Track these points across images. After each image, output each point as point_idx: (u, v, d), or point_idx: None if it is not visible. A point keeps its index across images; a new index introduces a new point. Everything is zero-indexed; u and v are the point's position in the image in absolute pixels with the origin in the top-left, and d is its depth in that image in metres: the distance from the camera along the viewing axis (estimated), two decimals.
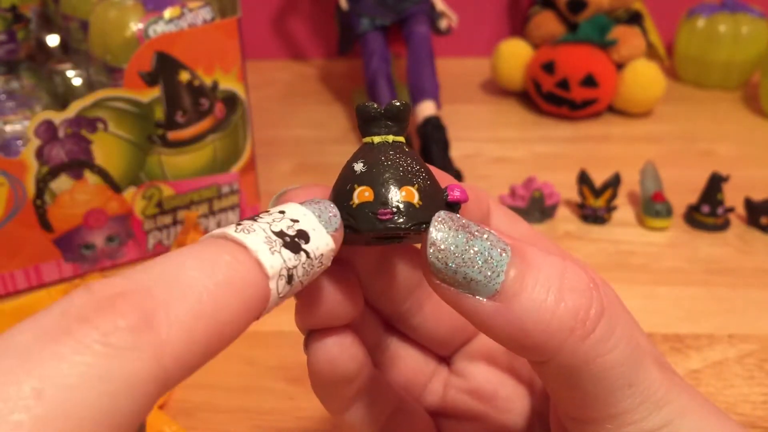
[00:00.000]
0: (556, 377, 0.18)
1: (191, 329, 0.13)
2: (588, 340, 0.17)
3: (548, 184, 0.53)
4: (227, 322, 0.14)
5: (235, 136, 0.49)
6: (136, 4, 0.46)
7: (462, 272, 0.17)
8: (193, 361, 0.14)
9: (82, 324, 0.12)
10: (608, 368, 0.17)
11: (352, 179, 0.18)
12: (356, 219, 0.18)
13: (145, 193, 0.47)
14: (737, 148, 0.66)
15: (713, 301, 0.45)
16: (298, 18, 0.89)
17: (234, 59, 0.47)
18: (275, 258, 0.15)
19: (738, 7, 0.76)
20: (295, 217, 0.17)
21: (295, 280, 0.16)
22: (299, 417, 0.36)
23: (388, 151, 0.19)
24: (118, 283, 0.13)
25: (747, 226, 0.53)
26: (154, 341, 0.13)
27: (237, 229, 0.16)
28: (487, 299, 0.17)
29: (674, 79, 0.80)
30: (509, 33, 0.88)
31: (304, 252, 0.16)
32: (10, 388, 0.11)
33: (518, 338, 0.17)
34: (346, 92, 0.79)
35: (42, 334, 0.12)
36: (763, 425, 0.35)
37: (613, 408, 0.18)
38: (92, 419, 0.12)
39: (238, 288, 0.15)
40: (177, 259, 0.14)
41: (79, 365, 0.12)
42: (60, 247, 0.46)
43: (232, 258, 0.15)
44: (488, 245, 0.17)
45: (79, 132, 0.43)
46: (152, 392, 0.13)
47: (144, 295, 0.13)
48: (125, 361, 0.12)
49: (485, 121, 0.73)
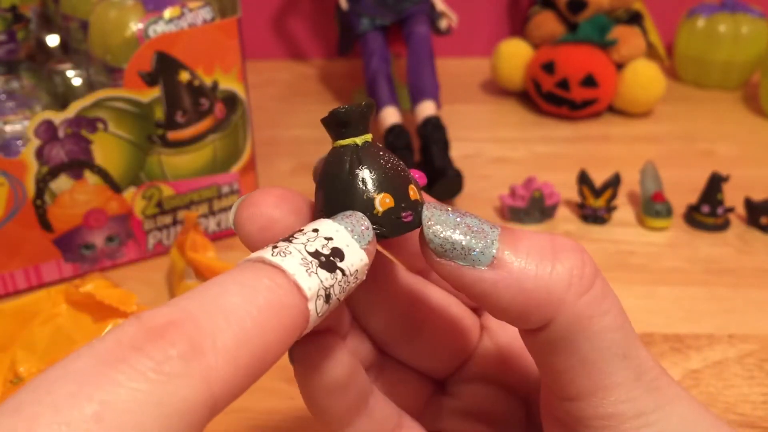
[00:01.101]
0: (553, 345, 0.18)
1: (237, 355, 0.14)
2: (585, 296, 0.17)
3: (548, 184, 0.53)
4: (270, 345, 0.15)
5: (235, 136, 0.49)
6: (136, 4, 0.46)
7: (459, 243, 0.18)
8: (239, 385, 0.14)
9: (135, 353, 0.13)
10: (604, 330, 0.18)
11: (366, 187, 0.18)
12: (386, 226, 0.18)
13: (145, 193, 0.47)
14: (737, 148, 0.66)
15: (713, 301, 0.45)
16: (298, 18, 0.89)
17: (234, 59, 0.47)
18: (312, 279, 0.16)
19: (738, 7, 0.76)
20: (328, 235, 0.17)
21: (332, 298, 0.16)
22: (299, 417, 0.36)
23: (378, 153, 0.19)
24: (167, 312, 0.14)
25: (747, 226, 0.53)
26: (203, 368, 0.13)
27: (273, 252, 0.16)
28: (486, 268, 0.18)
29: (674, 79, 0.80)
30: (509, 33, 0.88)
31: (340, 270, 0.16)
32: (72, 411, 0.12)
33: (520, 301, 0.17)
34: (346, 92, 0.79)
35: (99, 361, 0.13)
36: (763, 425, 0.35)
37: (607, 378, 0.18)
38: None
39: (279, 312, 0.15)
40: (220, 286, 0.15)
41: (135, 391, 0.12)
42: (60, 247, 0.46)
43: (272, 282, 0.15)
44: (478, 221, 0.18)
45: (79, 132, 0.43)
46: (203, 416, 0.13)
47: (192, 324, 0.14)
48: (177, 388, 0.13)
49: (485, 121, 0.73)
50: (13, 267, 0.45)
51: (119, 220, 0.47)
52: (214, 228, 0.51)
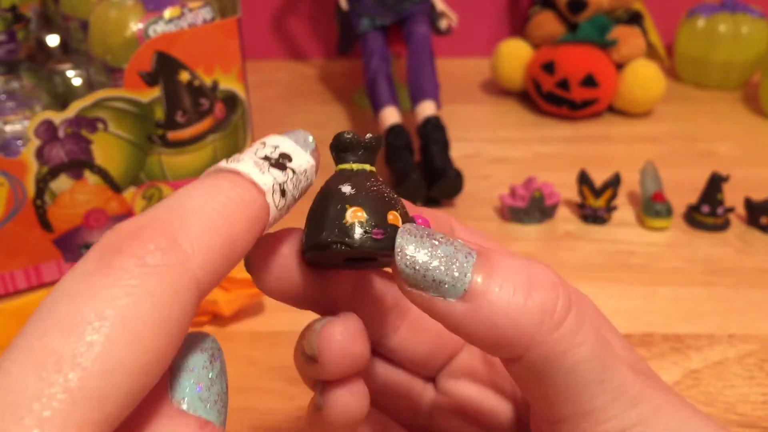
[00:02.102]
0: (529, 375, 0.18)
1: (209, 243, 0.16)
2: (557, 332, 0.17)
3: (548, 184, 0.53)
4: (238, 234, 0.16)
5: (235, 136, 0.49)
6: (136, 4, 0.46)
7: (430, 275, 0.18)
8: (217, 269, 0.16)
9: (118, 255, 0.14)
10: (579, 362, 0.18)
11: (342, 200, 0.19)
12: (351, 236, 0.19)
13: (145, 193, 0.47)
14: (737, 148, 0.66)
15: (713, 301, 0.45)
16: (298, 18, 0.89)
17: (234, 59, 0.47)
18: (266, 176, 0.18)
19: (738, 7, 0.76)
20: (275, 144, 0.19)
21: (288, 194, 0.18)
22: (299, 417, 0.36)
23: (369, 179, 0.20)
24: (137, 219, 0.15)
25: (747, 226, 0.53)
26: (181, 256, 0.15)
27: (228, 161, 0.18)
28: (457, 301, 0.18)
29: (674, 79, 0.80)
30: (509, 33, 0.88)
31: (290, 169, 0.18)
32: (77, 317, 0.13)
33: (490, 336, 0.18)
34: (346, 92, 0.79)
35: (87, 274, 0.14)
36: (763, 425, 0.35)
37: (587, 404, 0.18)
38: (150, 328, 0.14)
39: (241, 205, 0.17)
40: (183, 193, 0.16)
41: (126, 287, 0.14)
42: (60, 247, 0.46)
43: (230, 182, 0.17)
44: (453, 249, 0.18)
45: (79, 132, 0.43)
46: (191, 299, 0.15)
47: (163, 223, 0.15)
48: (163, 276, 0.14)
49: (485, 121, 0.73)
50: (13, 267, 0.45)
51: (119, 220, 0.47)
52: None
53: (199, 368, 0.17)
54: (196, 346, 0.17)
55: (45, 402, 0.13)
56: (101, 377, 0.13)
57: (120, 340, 0.13)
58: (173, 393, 0.16)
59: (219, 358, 0.17)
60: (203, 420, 0.16)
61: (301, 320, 0.22)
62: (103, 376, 0.13)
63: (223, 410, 0.17)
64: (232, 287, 0.42)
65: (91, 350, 0.13)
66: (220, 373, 0.17)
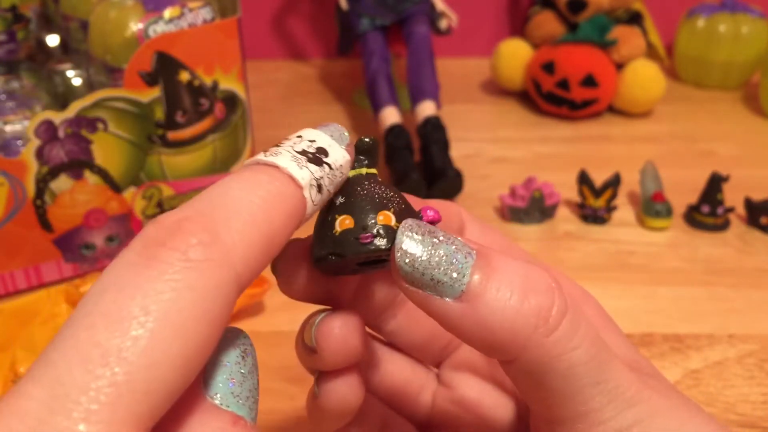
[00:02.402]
0: (525, 377, 0.18)
1: (250, 236, 0.16)
2: (551, 336, 0.17)
3: (548, 184, 0.53)
4: (277, 228, 0.17)
5: (235, 136, 0.49)
6: (136, 4, 0.46)
7: (429, 274, 0.18)
8: (256, 263, 0.16)
9: (161, 248, 0.15)
10: (573, 365, 0.18)
11: (333, 210, 0.20)
12: (340, 245, 0.19)
13: (145, 193, 0.47)
14: (737, 148, 0.66)
15: (713, 301, 0.45)
16: (298, 18, 0.89)
17: (234, 59, 0.47)
18: (304, 171, 0.18)
19: (738, 7, 0.76)
20: (312, 138, 0.19)
21: (323, 189, 0.18)
22: (299, 417, 0.36)
23: (362, 182, 0.20)
24: (179, 211, 0.16)
25: (747, 226, 0.53)
26: (223, 250, 0.15)
27: (266, 155, 0.18)
28: (453, 300, 0.18)
29: (674, 79, 0.80)
30: (509, 33, 0.88)
31: (327, 164, 0.18)
32: (122, 311, 0.14)
33: (485, 338, 0.18)
34: (346, 92, 0.79)
35: (132, 265, 0.14)
36: (763, 425, 0.35)
37: (582, 406, 0.18)
38: (192, 321, 0.14)
39: (280, 199, 0.17)
40: (224, 185, 0.17)
41: (169, 281, 0.14)
42: (60, 247, 0.46)
43: (269, 176, 0.17)
44: (453, 249, 0.18)
45: (79, 132, 0.43)
46: (232, 292, 0.15)
47: (204, 216, 0.15)
48: (204, 270, 0.15)
49: (485, 121, 0.73)
50: (13, 267, 0.45)
51: (119, 220, 0.47)
52: None
53: (232, 363, 0.17)
54: (229, 342, 0.17)
55: (92, 395, 0.13)
56: (146, 371, 0.13)
57: (164, 335, 0.14)
58: (207, 388, 0.16)
59: (251, 354, 0.18)
60: (235, 415, 0.16)
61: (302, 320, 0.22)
62: (148, 370, 0.13)
63: (254, 406, 0.17)
64: None
65: (136, 344, 0.13)
66: (252, 369, 0.17)
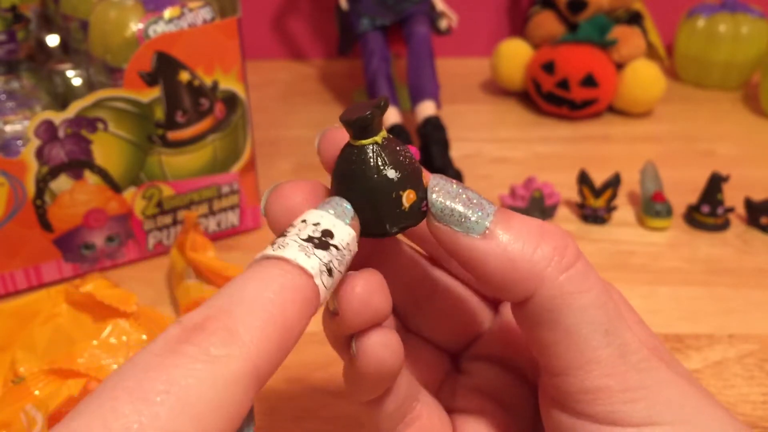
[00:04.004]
0: (538, 317, 0.20)
1: (266, 331, 0.17)
2: (566, 273, 0.19)
3: (548, 184, 0.53)
4: (292, 320, 0.18)
5: (235, 136, 0.49)
6: (136, 4, 0.46)
7: (457, 210, 0.20)
8: (275, 356, 0.17)
9: (184, 344, 0.16)
10: (586, 306, 0.19)
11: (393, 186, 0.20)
12: (411, 219, 0.21)
13: (145, 193, 0.47)
14: (737, 148, 0.66)
15: (713, 301, 0.45)
16: (298, 18, 0.89)
17: (234, 59, 0.47)
18: (312, 260, 0.18)
19: (738, 7, 0.76)
20: (316, 221, 0.19)
21: (334, 271, 0.19)
22: (299, 417, 0.36)
23: (396, 149, 0.21)
24: (201, 311, 0.17)
25: (747, 226, 0.53)
26: (241, 346, 0.16)
27: (273, 248, 0.19)
28: (479, 237, 0.20)
29: (674, 79, 0.80)
30: (509, 33, 0.88)
31: (333, 246, 0.19)
32: (146, 389, 0.15)
33: (506, 270, 0.19)
34: (346, 92, 0.79)
35: (155, 355, 0.16)
36: (763, 425, 0.35)
37: (592, 353, 0.19)
38: (211, 407, 0.15)
39: (292, 291, 0.18)
40: (239, 284, 0.18)
41: (192, 371, 0.15)
42: (60, 247, 0.46)
43: (280, 270, 0.18)
44: (478, 196, 0.21)
45: (79, 132, 0.43)
46: (251, 384, 0.16)
47: (224, 315, 0.17)
48: (225, 365, 0.16)
49: (485, 121, 0.73)
50: (13, 267, 0.45)
51: (119, 220, 0.47)
52: (215, 228, 0.51)
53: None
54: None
55: None
56: None
57: (183, 416, 0.15)
58: None
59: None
60: None
61: None
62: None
63: None
64: None
65: (156, 420, 0.14)
66: None
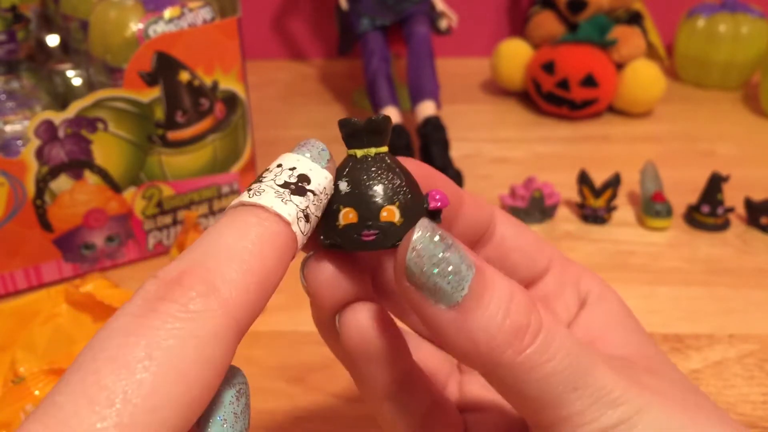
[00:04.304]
0: (503, 388, 0.19)
1: (245, 283, 0.17)
2: (525, 353, 0.18)
3: (548, 184, 0.53)
4: (270, 268, 0.17)
5: (235, 136, 0.49)
6: (136, 4, 0.46)
7: (433, 279, 0.18)
8: (254, 307, 0.17)
9: (162, 302, 0.16)
10: (547, 375, 0.18)
11: (337, 199, 0.20)
12: (343, 239, 0.19)
13: (145, 193, 0.47)
14: (737, 148, 0.66)
15: (713, 301, 0.45)
16: (298, 18, 0.89)
17: (234, 59, 0.47)
18: (289, 206, 0.18)
19: (738, 7, 0.76)
20: (292, 165, 0.19)
21: (311, 217, 0.19)
22: (299, 417, 0.36)
23: (370, 168, 0.20)
24: (177, 265, 0.17)
25: (747, 226, 0.53)
26: (220, 300, 0.16)
27: (249, 194, 0.18)
28: (447, 308, 0.18)
29: (674, 79, 0.80)
30: (509, 33, 0.88)
31: (310, 192, 0.19)
32: (126, 357, 0.15)
33: (466, 348, 0.18)
34: (346, 92, 0.79)
35: (135, 316, 0.15)
36: (763, 425, 0.35)
37: (564, 410, 0.19)
38: (195, 367, 0.15)
39: (270, 239, 0.18)
40: (215, 234, 0.17)
41: (171, 330, 0.15)
42: (60, 247, 0.46)
43: (256, 218, 0.18)
44: (459, 259, 0.18)
45: (79, 132, 0.43)
46: (232, 338, 0.16)
47: (201, 268, 0.16)
48: (205, 320, 0.16)
49: (485, 121, 0.73)
50: (13, 267, 0.45)
51: (119, 220, 0.47)
52: None
53: (226, 403, 0.17)
54: (225, 380, 0.18)
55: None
56: (151, 413, 0.14)
57: (167, 379, 0.15)
58: (200, 427, 0.17)
59: (245, 393, 0.18)
60: None
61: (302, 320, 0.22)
62: (152, 412, 0.14)
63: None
64: None
65: (141, 388, 0.14)
66: (245, 409, 0.18)
